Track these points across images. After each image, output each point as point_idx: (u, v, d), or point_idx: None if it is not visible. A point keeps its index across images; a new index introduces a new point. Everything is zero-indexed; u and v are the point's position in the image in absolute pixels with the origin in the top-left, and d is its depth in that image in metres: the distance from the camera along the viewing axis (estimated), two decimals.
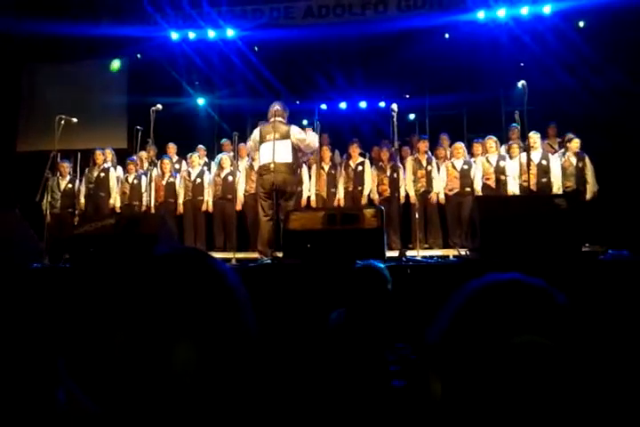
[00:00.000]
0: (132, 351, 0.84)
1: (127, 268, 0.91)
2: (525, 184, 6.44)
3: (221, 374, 0.84)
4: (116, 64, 9.93)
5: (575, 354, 0.72)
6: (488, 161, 7.47)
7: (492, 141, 7.57)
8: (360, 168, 7.84)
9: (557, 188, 7.12)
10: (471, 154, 7.86)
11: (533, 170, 7.07)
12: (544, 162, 7.22)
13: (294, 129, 6.08)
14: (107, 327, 0.87)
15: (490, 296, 0.77)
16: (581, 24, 8.49)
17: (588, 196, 7.19)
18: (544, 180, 7.15)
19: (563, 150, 7.56)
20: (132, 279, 0.90)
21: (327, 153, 8.04)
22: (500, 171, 7.36)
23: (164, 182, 8.09)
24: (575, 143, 7.32)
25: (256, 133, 6.22)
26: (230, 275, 0.93)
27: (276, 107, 6.10)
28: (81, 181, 8.30)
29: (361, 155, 8.15)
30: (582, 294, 3.27)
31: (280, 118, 6.06)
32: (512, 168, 7.30)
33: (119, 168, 8.41)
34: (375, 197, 7.75)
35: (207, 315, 0.85)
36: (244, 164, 7.98)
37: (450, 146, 8.08)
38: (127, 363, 0.84)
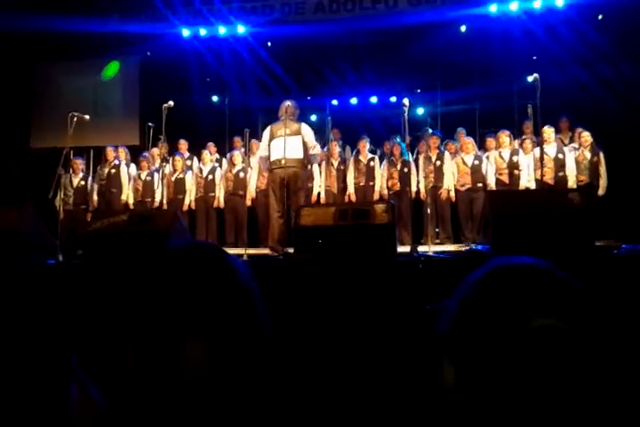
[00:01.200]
0: (143, 347, 0.84)
1: (141, 263, 0.92)
2: (541, 178, 6.41)
3: (232, 370, 0.84)
4: (112, 68, 9.92)
5: (590, 337, 0.71)
6: (501, 156, 7.42)
7: (504, 136, 7.53)
8: (372, 163, 7.84)
9: (573, 182, 7.08)
10: (484, 149, 7.82)
11: (550, 164, 7.03)
12: (560, 156, 7.18)
13: (305, 128, 6.11)
14: (120, 323, 0.87)
15: (501, 280, 0.77)
16: (600, 17, 8.39)
17: (601, 191, 7.13)
18: (561, 174, 7.11)
19: (574, 144, 7.51)
20: (146, 274, 0.90)
21: (336, 149, 8.04)
22: (513, 165, 7.32)
23: (172, 179, 8.13)
24: (585, 137, 7.26)
25: (266, 134, 6.23)
26: (243, 270, 0.93)
27: (287, 103, 6.15)
28: (93, 178, 8.36)
29: (371, 151, 8.14)
30: (596, 290, 3.24)
31: (291, 116, 6.10)
32: (526, 163, 7.25)
33: (132, 165, 8.47)
34: (385, 192, 7.75)
35: (219, 311, 0.85)
36: (255, 160, 8.00)
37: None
38: (139, 359, 0.85)
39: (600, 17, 8.41)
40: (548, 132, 7.10)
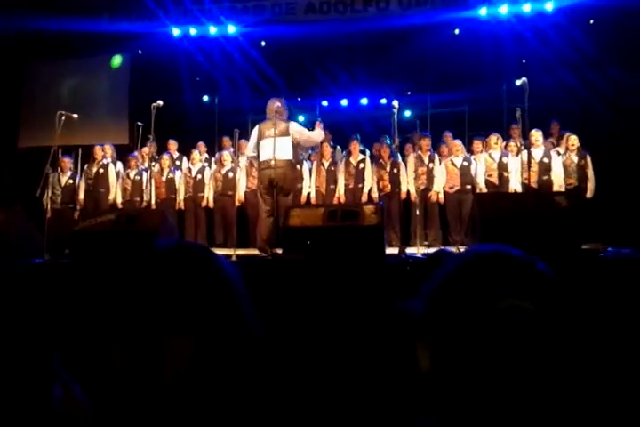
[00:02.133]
0: (130, 346, 0.84)
1: (128, 262, 0.91)
2: (527, 182, 6.44)
3: (218, 369, 0.84)
4: (116, 60, 9.91)
5: (557, 318, 0.73)
6: (491, 157, 7.46)
7: (494, 138, 7.57)
8: (362, 165, 7.84)
9: (559, 185, 7.12)
10: (471, 151, 7.85)
11: (535, 167, 7.06)
12: (546, 160, 7.21)
13: (293, 125, 6.09)
14: (106, 322, 0.87)
15: (474, 266, 0.79)
16: (591, 21, 8.46)
17: (589, 194, 7.19)
18: (545, 177, 7.15)
19: (558, 148, 7.55)
20: (134, 274, 0.90)
21: (327, 149, 8.04)
22: (502, 167, 7.36)
23: (163, 179, 8.10)
24: (572, 140, 7.30)
25: (255, 133, 6.21)
26: (230, 270, 0.93)
27: (276, 104, 6.06)
28: (81, 176, 8.31)
29: (362, 152, 8.14)
30: (583, 292, 3.27)
31: (280, 116, 6.05)
32: (514, 165, 7.29)
33: (119, 164, 8.42)
34: (375, 195, 7.74)
35: (205, 309, 0.85)
36: (244, 160, 7.98)
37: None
38: (124, 358, 0.84)
39: (591, 21, 8.47)
40: (536, 135, 7.13)
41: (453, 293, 0.77)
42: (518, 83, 5.77)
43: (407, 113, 9.58)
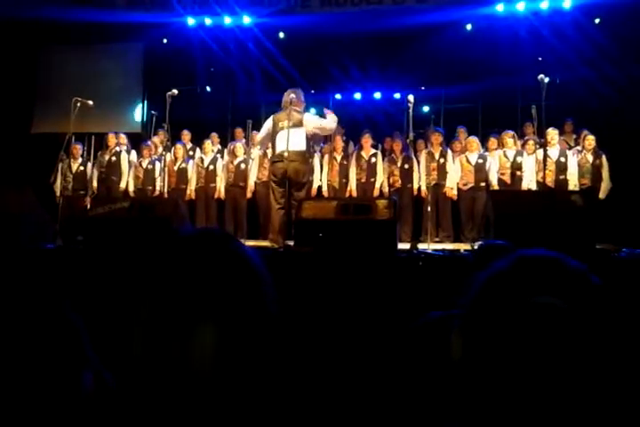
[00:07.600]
0: (152, 333, 0.84)
1: (150, 248, 0.91)
2: (542, 180, 6.39)
3: (241, 357, 0.84)
4: None
5: (591, 320, 0.74)
6: (505, 155, 7.40)
7: (508, 137, 7.50)
8: (373, 160, 7.81)
9: (574, 185, 7.07)
10: (486, 148, 7.80)
11: (552, 167, 7.02)
12: (562, 159, 7.17)
13: (307, 116, 6.09)
14: (126, 309, 0.87)
15: (521, 269, 0.79)
16: (597, 21, 8.39)
17: (602, 195, 7.12)
18: (562, 177, 7.10)
19: (579, 147, 7.49)
20: (156, 260, 0.90)
21: (340, 143, 8.01)
22: (516, 166, 7.30)
23: (175, 168, 8.11)
24: (589, 140, 7.24)
25: (269, 123, 6.21)
26: (255, 258, 0.93)
27: (292, 95, 6.07)
28: (94, 164, 8.33)
29: (373, 146, 8.11)
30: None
31: (295, 107, 6.06)
32: (529, 164, 7.24)
33: (133, 152, 8.44)
34: (385, 189, 7.71)
35: (230, 297, 0.85)
36: (256, 151, 7.98)
37: (465, 139, 8.02)
38: (147, 345, 0.84)
39: (597, 21, 8.40)
40: (552, 134, 7.07)
41: (496, 293, 0.78)
42: (537, 80, 5.70)
43: (425, 108, 9.54)
